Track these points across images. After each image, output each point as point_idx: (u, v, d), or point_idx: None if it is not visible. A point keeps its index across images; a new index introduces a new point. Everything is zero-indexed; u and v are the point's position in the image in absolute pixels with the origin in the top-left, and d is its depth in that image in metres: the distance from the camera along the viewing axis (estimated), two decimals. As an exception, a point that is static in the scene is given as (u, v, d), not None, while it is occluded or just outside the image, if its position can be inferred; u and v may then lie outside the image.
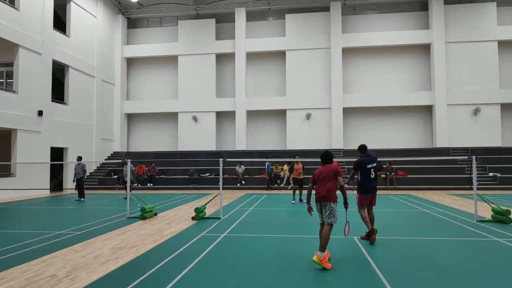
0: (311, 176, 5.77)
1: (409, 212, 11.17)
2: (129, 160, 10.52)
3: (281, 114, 25.13)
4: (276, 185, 20.50)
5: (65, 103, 21.16)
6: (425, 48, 24.11)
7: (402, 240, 7.12)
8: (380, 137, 24.24)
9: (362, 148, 7.01)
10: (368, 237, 6.77)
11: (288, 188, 17.34)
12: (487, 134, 22.93)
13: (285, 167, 20.65)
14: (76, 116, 21.89)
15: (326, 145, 24.00)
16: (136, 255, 5.96)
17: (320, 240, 5.29)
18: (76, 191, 16.42)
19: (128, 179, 10.37)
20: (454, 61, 23.43)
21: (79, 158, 15.27)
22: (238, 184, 20.69)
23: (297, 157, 13.67)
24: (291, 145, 24.29)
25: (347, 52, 24.55)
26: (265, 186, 20.01)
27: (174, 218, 9.96)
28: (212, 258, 5.78)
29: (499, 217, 8.70)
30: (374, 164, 6.76)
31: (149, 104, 26.25)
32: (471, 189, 8.68)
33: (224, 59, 26.04)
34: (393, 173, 19.80)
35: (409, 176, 20.14)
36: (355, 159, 6.96)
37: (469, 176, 19.14)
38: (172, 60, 26.39)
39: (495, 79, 23.05)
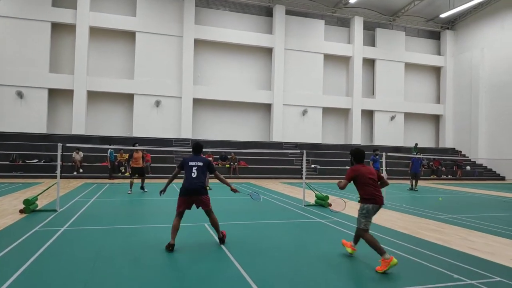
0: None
1: (249, 198, 12.27)
2: None
3: (128, 98, 23.73)
4: (119, 174, 19.33)
5: None
6: (268, 51, 26.58)
7: (245, 224, 7.85)
8: (226, 129, 25.62)
9: (195, 146, 6.21)
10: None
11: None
12: (311, 132, 27.02)
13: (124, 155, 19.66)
14: None
15: (175, 134, 23.94)
16: None
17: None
18: None
19: None
20: (291, 67, 26.64)
21: None
22: (75, 173, 18.65)
23: (136, 145, 13.15)
24: (138, 132, 23.25)
25: (199, 43, 24.91)
26: (107, 175, 18.64)
27: (-5, 212, 8.35)
28: (52, 255, 5.16)
29: (320, 202, 10.49)
30: (200, 164, 5.87)
31: (-47, 70, 20.85)
32: (301, 178, 10.11)
33: (62, 30, 22.82)
34: (236, 163, 21.29)
35: (249, 166, 22.02)
36: (203, 150, 7.15)
37: (299, 167, 22.25)
38: (-10, 20, 21.57)
39: (320, 86, 27.29)
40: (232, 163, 21.23)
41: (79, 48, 22.32)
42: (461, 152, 29.14)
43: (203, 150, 6.49)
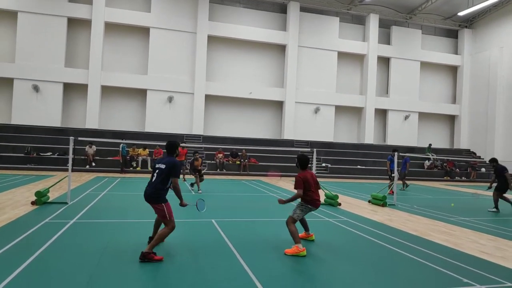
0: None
1: (259, 196, 12.29)
2: None
3: (141, 93, 23.91)
4: (131, 168, 19.54)
5: None
6: (281, 48, 26.42)
7: (254, 221, 7.83)
8: (237, 126, 25.60)
9: (167, 146, 5.46)
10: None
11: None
12: (323, 130, 26.80)
13: (141, 150, 19.96)
14: None
15: (187, 130, 24.05)
16: (-43, 248, 4.93)
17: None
18: None
19: None
20: (304, 64, 26.42)
21: None
22: (87, 166, 18.91)
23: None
24: (150, 127, 23.43)
25: (212, 40, 24.91)
26: (119, 169, 18.86)
27: (8, 202, 8.52)
28: (60, 246, 5.24)
29: (330, 201, 10.39)
30: (163, 166, 5.16)
31: (-28, 64, 21.32)
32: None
33: (78, 25, 23.11)
34: (246, 160, 21.29)
35: (259, 163, 21.99)
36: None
37: (310, 165, 22.10)
38: (8, 16, 21.95)
39: (333, 84, 27.01)
40: (242, 160, 21.23)
41: (94, 43, 22.58)
42: (475, 153, 28.51)
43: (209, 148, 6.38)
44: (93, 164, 19.10)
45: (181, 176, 15.27)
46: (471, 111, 29.42)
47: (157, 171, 5.17)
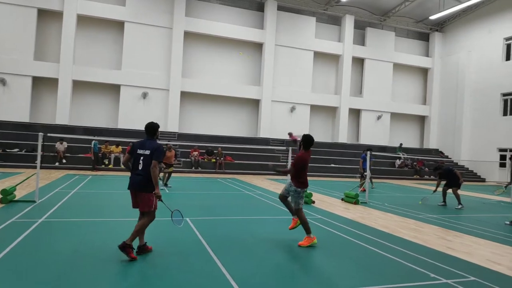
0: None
1: (235, 194, 12.29)
2: None
3: (115, 89, 23.32)
4: (103, 165, 19.07)
5: None
6: (258, 46, 26.43)
7: (227, 219, 7.82)
8: (213, 123, 25.44)
9: (147, 127, 5.34)
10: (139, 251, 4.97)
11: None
12: (299, 129, 26.91)
13: (114, 147, 19.53)
14: None
15: (162, 127, 23.56)
16: None
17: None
18: None
19: None
20: (281, 63, 26.55)
21: None
22: (57, 163, 18.30)
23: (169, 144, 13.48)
24: (124, 124, 22.91)
25: (189, 36, 24.61)
26: (91, 166, 18.36)
27: (-30, 201, 8.13)
28: (27, 247, 5.05)
29: (304, 199, 10.51)
30: (147, 152, 4.89)
31: None
32: (285, 175, 10.06)
33: (49, 17, 22.25)
34: (222, 158, 21.21)
35: (235, 161, 21.97)
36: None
37: (285, 163, 22.29)
38: (-28, 4, 20.92)
39: (309, 84, 27.30)
40: (218, 158, 21.15)
41: (65, 36, 21.81)
42: (443, 153, 29.58)
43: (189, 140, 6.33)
44: (64, 161, 18.50)
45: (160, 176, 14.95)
46: (441, 113, 30.48)
47: (142, 158, 4.84)
